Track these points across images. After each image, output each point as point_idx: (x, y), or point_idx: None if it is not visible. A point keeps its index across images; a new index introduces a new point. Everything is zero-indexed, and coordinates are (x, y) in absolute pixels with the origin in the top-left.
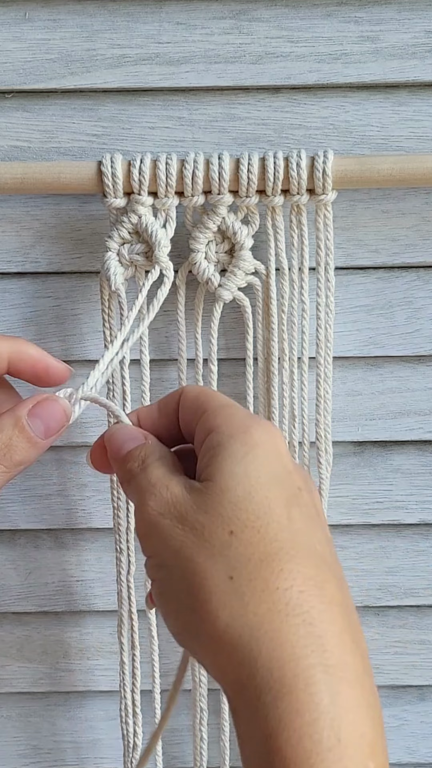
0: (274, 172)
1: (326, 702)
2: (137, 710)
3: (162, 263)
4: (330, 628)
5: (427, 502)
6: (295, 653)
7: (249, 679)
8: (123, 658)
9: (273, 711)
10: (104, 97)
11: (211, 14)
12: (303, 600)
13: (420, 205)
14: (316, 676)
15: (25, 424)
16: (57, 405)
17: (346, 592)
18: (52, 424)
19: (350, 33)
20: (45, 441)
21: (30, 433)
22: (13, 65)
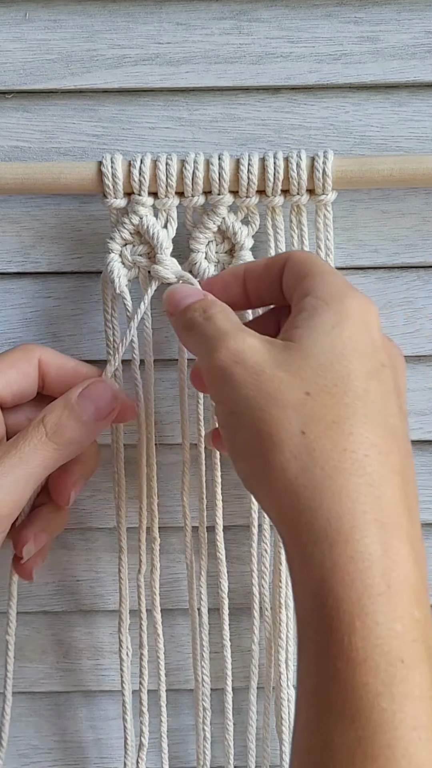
0: (274, 172)
1: (379, 553)
2: (144, 709)
3: (166, 266)
4: (389, 492)
5: (427, 502)
6: (354, 508)
7: (308, 526)
8: (122, 655)
9: (328, 557)
10: (104, 98)
11: (211, 14)
12: (367, 463)
13: (420, 205)
14: (372, 530)
15: (75, 405)
16: (106, 386)
17: (408, 465)
18: (102, 405)
19: (350, 33)
20: (95, 422)
21: (79, 413)
22: (13, 65)
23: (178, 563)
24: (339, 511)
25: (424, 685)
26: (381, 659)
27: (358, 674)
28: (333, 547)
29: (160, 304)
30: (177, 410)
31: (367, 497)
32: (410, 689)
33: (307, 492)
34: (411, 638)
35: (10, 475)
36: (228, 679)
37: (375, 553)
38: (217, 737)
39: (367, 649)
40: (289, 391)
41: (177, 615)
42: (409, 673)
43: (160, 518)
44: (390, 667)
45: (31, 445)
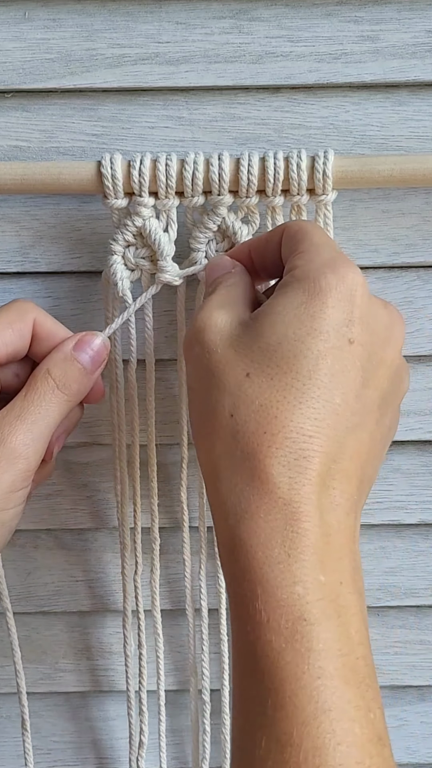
0: (274, 172)
1: (281, 527)
2: (144, 708)
3: (168, 271)
4: (303, 472)
5: (427, 502)
6: (262, 488)
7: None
8: (127, 651)
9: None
10: (104, 97)
11: (211, 14)
12: (285, 445)
13: (420, 205)
14: (276, 507)
15: (73, 357)
16: (97, 338)
17: (347, 441)
18: (95, 355)
19: (350, 33)
20: (93, 372)
21: (79, 364)
22: (13, 65)
23: (178, 563)
24: (248, 491)
25: (329, 638)
26: (282, 619)
27: (262, 634)
28: (239, 523)
29: (160, 304)
30: (176, 410)
31: (279, 477)
32: (313, 644)
33: (227, 473)
34: (315, 598)
35: (33, 431)
36: (227, 679)
37: (276, 528)
38: (216, 737)
39: (269, 611)
40: (232, 371)
41: (177, 615)
42: (311, 629)
43: (160, 518)
44: (291, 624)
45: (45, 399)
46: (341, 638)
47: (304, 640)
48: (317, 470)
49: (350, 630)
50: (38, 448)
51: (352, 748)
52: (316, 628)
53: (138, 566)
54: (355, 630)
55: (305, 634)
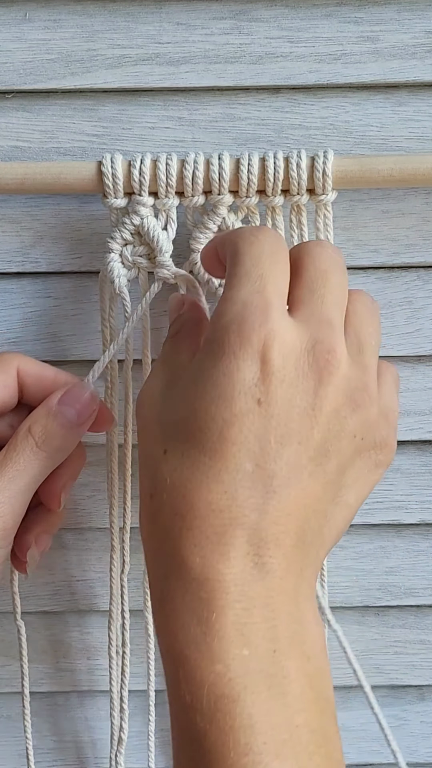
0: (274, 172)
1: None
2: (124, 707)
3: (165, 270)
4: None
5: (427, 502)
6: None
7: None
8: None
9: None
10: (104, 97)
11: (211, 14)
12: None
13: (420, 205)
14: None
15: (57, 411)
16: (83, 388)
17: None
18: (82, 408)
19: (350, 33)
20: (78, 426)
21: (62, 419)
22: (13, 65)
23: None
24: (165, 575)
25: (255, 713)
26: (204, 699)
27: (187, 715)
28: (162, 606)
29: (159, 304)
30: None
31: (191, 558)
32: (236, 721)
33: (150, 555)
34: (237, 674)
35: (9, 489)
36: None
37: (192, 609)
38: None
39: (192, 691)
40: (153, 447)
41: None
42: (234, 706)
43: None
44: (213, 704)
45: (23, 457)
46: (271, 710)
47: (227, 718)
48: (233, 543)
49: (286, 699)
50: (15, 506)
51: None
52: (240, 704)
53: (126, 565)
54: (295, 697)
55: (228, 712)
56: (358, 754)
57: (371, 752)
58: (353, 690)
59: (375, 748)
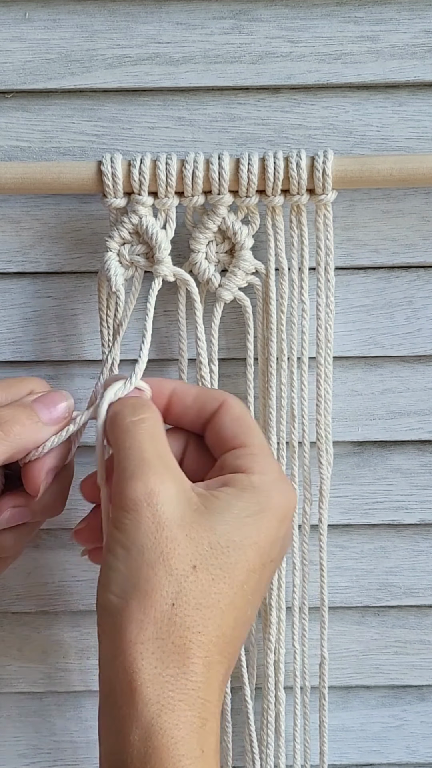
0: (274, 172)
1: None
2: None
3: (164, 266)
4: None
5: (427, 502)
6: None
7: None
8: None
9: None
10: (104, 97)
11: (211, 14)
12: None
13: (420, 205)
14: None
15: (29, 406)
16: (61, 396)
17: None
18: (55, 413)
19: (350, 33)
20: (47, 426)
21: (30, 413)
22: (13, 65)
23: None
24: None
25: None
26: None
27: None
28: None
29: (160, 304)
30: None
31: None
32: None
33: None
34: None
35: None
36: None
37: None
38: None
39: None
40: (181, 558)
41: None
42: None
43: None
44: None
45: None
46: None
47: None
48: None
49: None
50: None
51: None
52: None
53: None
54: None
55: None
56: (359, 754)
57: (371, 752)
58: (353, 690)
59: (375, 748)
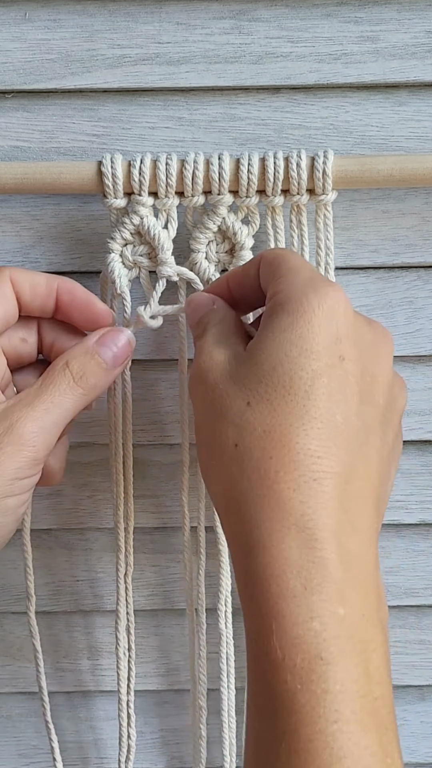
0: (274, 172)
1: (295, 557)
2: (131, 711)
3: (168, 267)
4: (314, 494)
5: (427, 502)
6: (273, 515)
7: (234, 536)
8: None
9: (249, 565)
10: (104, 97)
11: (211, 14)
12: (293, 468)
13: (420, 205)
14: (290, 535)
15: (95, 351)
16: (122, 334)
17: (353, 461)
18: (119, 352)
19: (350, 33)
20: (114, 369)
21: (99, 359)
22: (13, 65)
23: (178, 563)
24: (258, 520)
25: (347, 679)
26: (298, 657)
27: (277, 673)
28: (250, 554)
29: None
30: (177, 410)
31: (290, 502)
32: (329, 685)
33: (234, 503)
34: (333, 635)
35: (44, 420)
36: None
37: (291, 557)
38: (215, 737)
39: (285, 648)
40: (233, 403)
41: (177, 615)
42: (328, 668)
43: (160, 518)
44: (308, 664)
45: (60, 390)
46: (360, 678)
47: (320, 681)
48: (331, 492)
49: (370, 668)
50: (47, 438)
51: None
52: (333, 667)
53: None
54: (375, 667)
55: (321, 675)
56: None
57: None
58: None
59: None
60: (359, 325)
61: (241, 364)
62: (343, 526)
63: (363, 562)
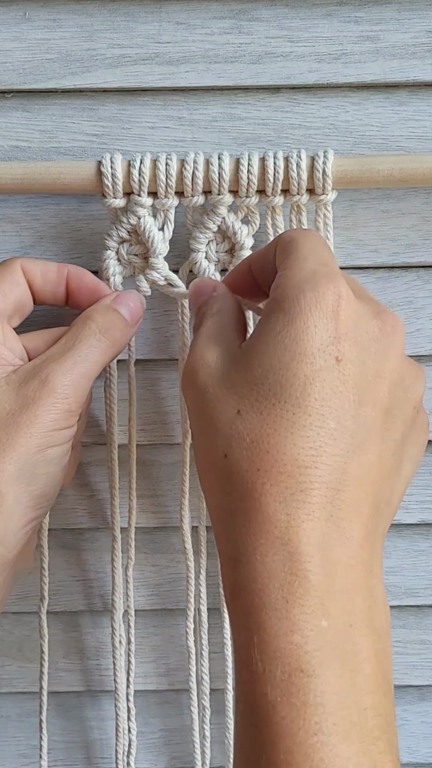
0: (274, 172)
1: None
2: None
3: (156, 273)
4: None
5: (427, 502)
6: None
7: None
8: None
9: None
10: (104, 97)
11: (211, 14)
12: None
13: (420, 205)
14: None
15: (113, 308)
16: (134, 294)
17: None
18: (135, 310)
19: (350, 33)
20: (133, 326)
21: (120, 314)
22: (13, 65)
23: (178, 563)
24: (244, 534)
25: (328, 691)
26: (278, 670)
27: (258, 685)
28: (236, 568)
29: (160, 304)
30: (177, 410)
31: (275, 515)
32: (309, 697)
33: (224, 515)
34: (314, 647)
35: (74, 372)
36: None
37: (273, 571)
38: (217, 737)
39: (265, 661)
40: (223, 411)
41: (177, 615)
42: (309, 681)
43: (160, 518)
44: (288, 677)
45: (88, 343)
46: (343, 690)
47: (300, 693)
48: (318, 503)
49: (356, 678)
50: (78, 389)
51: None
52: (314, 680)
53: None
54: (365, 677)
55: (302, 687)
56: None
57: None
58: None
59: None
60: (363, 320)
61: (233, 366)
62: (329, 536)
63: (353, 572)
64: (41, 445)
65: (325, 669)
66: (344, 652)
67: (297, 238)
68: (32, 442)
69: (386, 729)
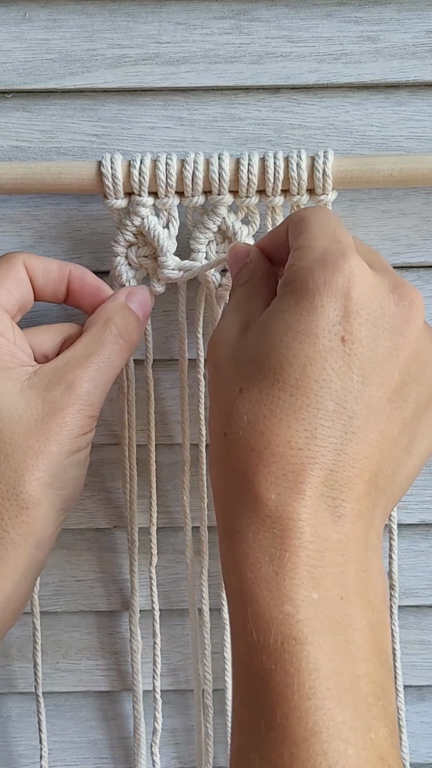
0: (274, 172)
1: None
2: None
3: (167, 271)
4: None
5: (427, 502)
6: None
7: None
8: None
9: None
10: (104, 97)
11: (211, 14)
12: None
13: (420, 205)
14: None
15: (129, 308)
16: (143, 289)
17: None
18: (145, 306)
19: (350, 33)
20: (144, 323)
21: (134, 314)
22: (13, 65)
23: (179, 563)
24: (238, 511)
25: (321, 658)
26: (271, 639)
27: (254, 654)
28: (231, 544)
29: (160, 304)
30: (177, 410)
31: (266, 494)
32: (303, 664)
33: (222, 492)
34: (306, 617)
35: (98, 378)
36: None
37: (264, 546)
38: (219, 737)
39: (259, 631)
40: (228, 388)
41: (178, 615)
42: (302, 648)
43: (161, 518)
44: (281, 645)
45: (110, 348)
46: (336, 657)
47: (293, 660)
48: (309, 482)
49: (349, 647)
50: (100, 395)
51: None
52: (307, 647)
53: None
54: (358, 646)
55: (295, 654)
56: None
57: None
58: None
59: None
60: (378, 295)
61: (242, 345)
62: (319, 514)
63: (344, 546)
64: (70, 451)
65: (317, 637)
66: (336, 622)
67: (307, 216)
68: (63, 449)
69: (381, 696)
